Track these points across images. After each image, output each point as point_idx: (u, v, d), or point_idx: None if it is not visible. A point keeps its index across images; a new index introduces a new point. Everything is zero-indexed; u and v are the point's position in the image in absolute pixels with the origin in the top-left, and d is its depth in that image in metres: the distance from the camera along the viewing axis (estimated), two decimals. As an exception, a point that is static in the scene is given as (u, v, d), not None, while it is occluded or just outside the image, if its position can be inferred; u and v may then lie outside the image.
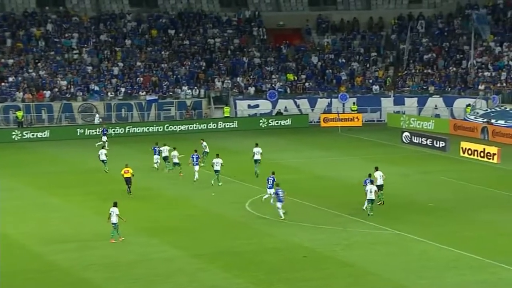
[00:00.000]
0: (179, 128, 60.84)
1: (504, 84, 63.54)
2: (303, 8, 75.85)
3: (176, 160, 43.49)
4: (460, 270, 27.43)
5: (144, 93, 64.75)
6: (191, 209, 36.81)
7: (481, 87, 63.94)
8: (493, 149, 47.48)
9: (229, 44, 70.73)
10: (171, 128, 60.26)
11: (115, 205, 31.69)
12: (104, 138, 52.28)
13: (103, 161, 45.14)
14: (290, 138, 54.02)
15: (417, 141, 53.14)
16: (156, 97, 64.18)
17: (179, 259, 29.24)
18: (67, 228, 33.45)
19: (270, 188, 36.04)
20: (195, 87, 65.96)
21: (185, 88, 65.63)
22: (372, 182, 35.32)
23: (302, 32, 73.66)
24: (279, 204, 34.24)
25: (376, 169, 37.01)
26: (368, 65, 69.55)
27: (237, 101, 65.23)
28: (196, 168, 41.27)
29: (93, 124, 60.85)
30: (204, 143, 45.81)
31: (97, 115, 61.49)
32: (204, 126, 61.66)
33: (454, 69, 67.25)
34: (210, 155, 43.82)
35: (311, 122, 63.96)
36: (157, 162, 44.26)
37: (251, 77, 67.57)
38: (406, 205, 36.89)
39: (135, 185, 40.21)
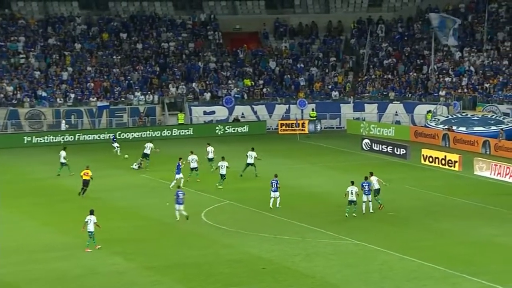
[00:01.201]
0: (132, 135, 60.57)
1: (465, 90, 64.54)
2: (260, 12, 76.12)
3: (194, 165, 43.88)
4: (421, 280, 27.77)
5: (95, 99, 64.34)
6: (144, 220, 36.67)
7: (442, 93, 64.85)
8: (454, 157, 48.19)
9: (184, 48, 70.68)
10: (123, 135, 59.94)
11: (91, 213, 31.71)
12: (116, 145, 52.80)
13: (62, 163, 45.38)
14: (247, 145, 54.08)
15: (378, 148, 53.67)
16: (108, 103, 63.81)
17: (131, 271, 29.10)
18: (11, 241, 33.05)
19: (275, 191, 37.67)
20: (149, 93, 65.75)
21: (138, 93, 65.38)
22: (369, 186, 36.31)
23: (260, 36, 73.93)
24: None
25: (371, 174, 37.70)
26: (327, 70, 70.07)
27: (192, 107, 65.18)
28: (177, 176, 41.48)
29: (41, 131, 60.29)
30: (210, 148, 46.21)
31: (63, 122, 61.02)
32: (158, 133, 61.48)
33: (415, 74, 68.11)
34: (168, 161, 43.73)
35: (269, 129, 64.20)
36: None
37: (207, 82, 67.59)
38: (366, 214, 37.21)
39: (86, 194, 39.91)
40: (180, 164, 41.96)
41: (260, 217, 36.90)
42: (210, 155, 46.35)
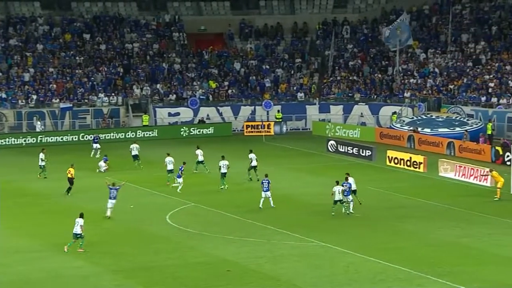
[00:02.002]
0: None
1: (430, 92, 65.15)
2: (225, 12, 76.12)
3: (170, 167, 43.86)
4: (387, 282, 27.96)
5: (58, 100, 63.84)
6: (108, 223, 36.47)
7: (407, 94, 65.40)
8: (419, 158, 48.61)
9: (148, 49, 70.44)
10: (86, 137, 59.54)
11: (81, 216, 31.97)
12: (96, 146, 52.04)
13: (41, 166, 45.26)
14: (212, 147, 54.08)
15: (343, 150, 53.95)
16: (71, 105, 63.36)
17: (95, 276, 28.92)
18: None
19: (266, 190, 37.96)
20: (112, 94, 65.41)
21: (101, 95, 65.00)
22: (350, 186, 36.92)
23: (225, 37, 73.94)
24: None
25: (348, 175, 38.16)
26: (292, 72, 70.28)
27: (156, 109, 64.98)
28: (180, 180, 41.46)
29: (2, 133, 59.68)
30: (199, 151, 45.88)
31: (38, 123, 60.48)
32: (122, 135, 61.19)
33: (380, 76, 68.59)
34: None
35: (235, 130, 64.23)
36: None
37: (172, 83, 67.43)
38: (332, 216, 37.38)
39: (48, 198, 39.61)
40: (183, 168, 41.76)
41: (226, 219, 36.91)
42: (200, 158, 45.87)
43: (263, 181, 38.35)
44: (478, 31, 69.36)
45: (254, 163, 44.05)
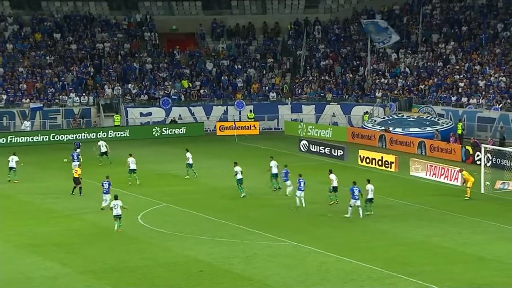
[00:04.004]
0: (67, 137, 59.81)
1: (401, 91, 65.55)
2: (197, 12, 76.04)
3: (133, 167, 43.57)
4: (359, 282, 28.09)
5: (28, 100, 63.37)
6: (77, 223, 36.27)
7: (378, 94, 65.73)
8: (390, 158, 48.89)
9: (119, 49, 70.16)
10: (57, 137, 59.17)
11: (116, 198, 34.01)
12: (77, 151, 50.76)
13: (10, 168, 44.64)
14: (185, 147, 53.99)
15: (315, 150, 54.12)
16: (41, 105, 62.93)
17: (64, 277, 28.74)
18: None
19: (301, 190, 37.76)
20: (83, 94, 65.07)
21: (72, 95, 64.64)
22: (359, 191, 36.76)
23: (196, 37, 73.84)
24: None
25: (330, 171, 38.64)
26: (264, 72, 70.37)
27: (128, 109, 64.75)
28: None
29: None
30: (189, 154, 45.23)
31: (25, 122, 59.93)
32: (93, 135, 60.87)
33: (351, 76, 68.88)
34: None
35: (207, 130, 64.19)
36: None
37: (143, 83, 67.21)
38: (304, 215, 37.51)
39: (17, 198, 39.27)
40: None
41: (198, 220, 36.88)
42: (190, 161, 45.38)
43: (299, 180, 37.94)
44: (448, 31, 69.91)
45: (274, 170, 41.92)
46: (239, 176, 40.52)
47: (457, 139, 55.12)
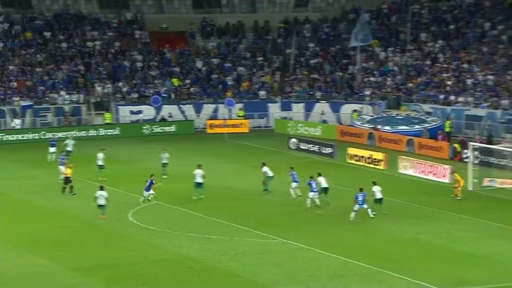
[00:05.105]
0: (57, 135, 59.55)
1: (389, 90, 65.65)
2: (187, 11, 75.92)
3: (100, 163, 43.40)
4: (347, 278, 28.13)
5: (18, 98, 63.14)
6: (69, 221, 36.18)
7: (367, 92, 65.82)
8: (379, 155, 48.96)
9: (110, 47, 69.98)
10: (48, 135, 58.97)
11: (102, 188, 35.48)
12: (53, 150, 50.11)
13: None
14: (175, 145, 53.94)
15: (305, 148, 54.16)
16: (31, 103, 62.71)
17: (56, 274, 28.67)
18: None
19: (315, 192, 37.59)
20: (74, 92, 64.89)
21: (63, 93, 64.46)
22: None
23: (186, 36, 73.73)
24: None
25: (319, 174, 38.43)
26: (254, 70, 70.33)
27: (119, 107, 64.61)
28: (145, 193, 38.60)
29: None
30: (166, 154, 44.95)
31: (15, 120, 59.63)
32: (84, 133, 60.78)
33: (341, 74, 68.94)
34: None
35: (197, 128, 64.10)
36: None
37: (134, 82, 67.07)
38: (294, 213, 37.53)
39: (8, 195, 39.12)
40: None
41: (188, 217, 36.84)
42: (164, 161, 45.13)
43: (310, 182, 37.72)
44: (436, 30, 70.06)
45: (269, 174, 40.95)
46: (198, 180, 39.60)
47: (445, 137, 55.24)
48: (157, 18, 74.14)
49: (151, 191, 38.26)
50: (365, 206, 36.05)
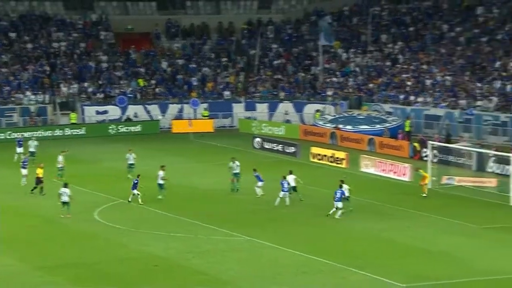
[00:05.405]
0: (23, 135, 58.81)
1: (351, 90, 65.93)
2: (152, 12, 75.56)
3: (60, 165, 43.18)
4: (311, 275, 28.14)
5: (-16, 99, 62.35)
6: (34, 219, 35.76)
7: (329, 93, 66.03)
8: (341, 154, 49.13)
9: (75, 48, 69.34)
10: (13, 135, 58.22)
11: (65, 186, 35.30)
12: (20, 150, 49.16)
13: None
14: (140, 145, 53.58)
15: (269, 147, 54.16)
16: (-3, 103, 61.95)
17: (23, 273, 28.29)
18: None
19: (286, 191, 37.45)
20: (40, 93, 64.20)
21: (28, 93, 63.73)
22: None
23: (152, 37, 73.35)
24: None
25: (290, 172, 38.63)
26: (219, 71, 70.17)
27: (84, 107, 64.05)
28: None
29: None
30: (133, 155, 44.35)
31: None
32: (50, 133, 60.19)
33: (303, 74, 69.08)
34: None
35: (162, 128, 63.78)
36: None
37: (99, 82, 66.53)
38: (259, 211, 37.49)
39: None
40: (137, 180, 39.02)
41: (154, 216, 36.61)
42: (131, 161, 44.55)
43: (282, 182, 37.65)
44: (396, 31, 70.54)
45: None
46: (159, 181, 39.12)
47: (405, 136, 55.60)
48: (122, 19, 73.65)
49: (136, 191, 37.99)
50: (340, 205, 35.91)
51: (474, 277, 27.91)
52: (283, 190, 37.62)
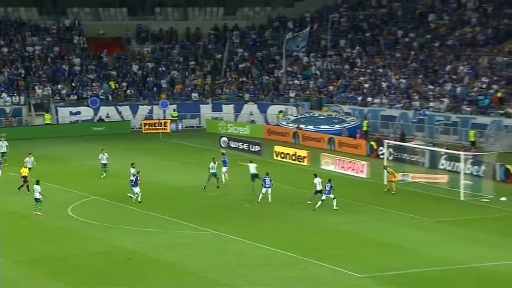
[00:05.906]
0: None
1: (312, 92, 66.24)
2: (123, 18, 75.29)
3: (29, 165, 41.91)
4: (274, 267, 28.23)
5: (-39, 100, 61.52)
6: (8, 216, 35.37)
7: (292, 94, 66.27)
8: (303, 153, 49.33)
9: (49, 52, 68.75)
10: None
11: (37, 183, 34.58)
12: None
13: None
14: (112, 144, 53.28)
15: (234, 146, 54.18)
16: (-26, 105, 61.15)
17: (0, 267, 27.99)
18: None
19: (268, 187, 37.16)
20: (15, 94, 63.53)
21: (4, 95, 63.05)
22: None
23: (123, 41, 73.00)
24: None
25: (251, 162, 39.32)
26: (187, 74, 70.07)
27: (58, 108, 63.52)
28: None
29: None
30: (106, 155, 43.87)
31: None
32: (24, 133, 59.46)
33: (267, 77, 69.24)
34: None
35: (133, 128, 63.48)
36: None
37: (72, 84, 66.05)
38: (226, 206, 37.51)
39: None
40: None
41: (126, 211, 36.44)
42: (104, 161, 44.08)
43: (265, 178, 37.46)
44: (354, 37, 71.00)
45: (318, 187, 37.72)
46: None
47: (362, 135, 56.00)
48: (94, 24, 73.23)
49: (138, 189, 37.31)
50: (332, 195, 36.07)
51: (428, 268, 28.21)
52: (265, 186, 37.49)
